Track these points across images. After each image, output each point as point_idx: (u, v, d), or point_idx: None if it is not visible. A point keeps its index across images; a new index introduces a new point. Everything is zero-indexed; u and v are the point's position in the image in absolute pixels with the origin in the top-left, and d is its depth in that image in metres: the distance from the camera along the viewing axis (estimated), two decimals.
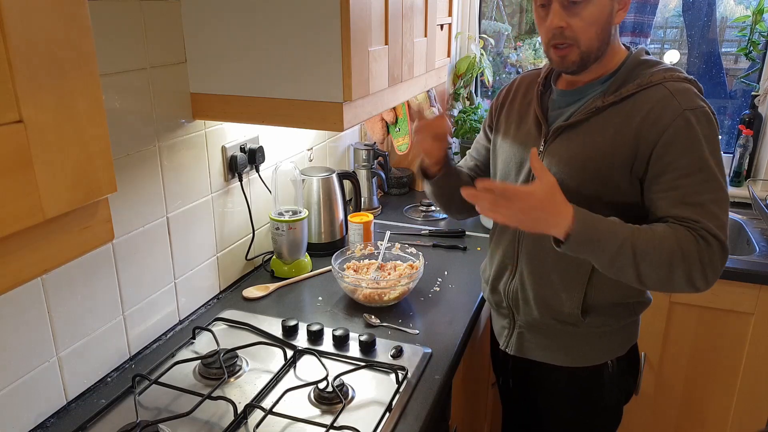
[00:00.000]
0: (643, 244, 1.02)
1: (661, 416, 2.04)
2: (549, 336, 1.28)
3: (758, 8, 2.19)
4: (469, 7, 2.50)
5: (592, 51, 1.10)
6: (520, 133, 1.26)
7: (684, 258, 1.02)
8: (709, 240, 1.03)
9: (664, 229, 1.04)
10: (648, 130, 1.07)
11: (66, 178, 0.61)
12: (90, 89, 0.62)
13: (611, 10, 1.09)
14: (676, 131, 1.05)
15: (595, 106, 1.12)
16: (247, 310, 1.47)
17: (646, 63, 1.14)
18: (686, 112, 1.05)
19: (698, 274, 1.03)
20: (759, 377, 1.88)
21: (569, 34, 1.09)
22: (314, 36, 1.18)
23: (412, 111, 1.28)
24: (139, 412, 1.11)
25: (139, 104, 1.21)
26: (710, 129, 1.06)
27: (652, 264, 1.02)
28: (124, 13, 1.14)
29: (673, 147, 1.05)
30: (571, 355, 1.27)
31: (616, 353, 1.28)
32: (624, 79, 1.13)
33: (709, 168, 1.05)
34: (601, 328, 1.24)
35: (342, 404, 1.11)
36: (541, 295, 1.24)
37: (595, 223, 1.04)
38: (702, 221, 1.03)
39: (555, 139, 1.17)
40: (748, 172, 2.31)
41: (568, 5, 1.07)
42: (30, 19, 0.55)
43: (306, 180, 1.75)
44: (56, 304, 1.09)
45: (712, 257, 1.03)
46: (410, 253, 1.63)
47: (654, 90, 1.09)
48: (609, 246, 1.03)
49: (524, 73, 1.36)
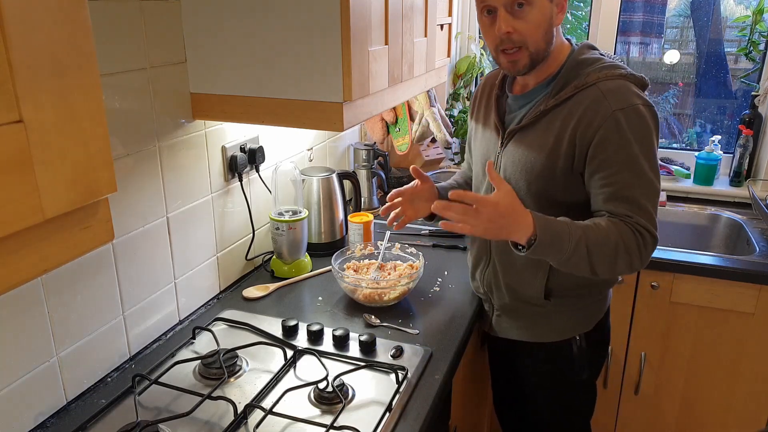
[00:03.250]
0: (594, 241, 1.13)
1: (661, 416, 2.04)
2: (520, 317, 1.41)
3: (758, 8, 2.19)
4: (469, 7, 2.50)
5: (540, 52, 1.18)
6: (484, 136, 1.38)
7: (626, 250, 1.14)
8: (644, 233, 1.15)
9: (608, 225, 1.15)
10: (583, 131, 1.16)
11: (66, 178, 0.61)
12: (90, 89, 0.62)
13: (551, 13, 1.17)
14: (606, 131, 1.14)
15: (539, 110, 1.22)
16: (247, 310, 1.47)
17: (585, 62, 1.21)
18: (616, 112, 1.14)
19: (637, 262, 1.17)
20: (759, 377, 1.88)
21: (517, 38, 1.16)
22: (314, 36, 1.18)
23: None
24: (139, 412, 1.11)
25: (139, 104, 1.21)
26: (640, 125, 1.14)
27: (601, 257, 1.14)
28: (124, 13, 1.14)
29: (605, 146, 1.14)
30: (539, 331, 1.39)
31: (582, 329, 1.38)
32: (564, 81, 1.21)
33: (638, 165, 1.14)
34: (565, 308, 1.36)
35: (342, 404, 1.11)
36: (509, 281, 1.37)
37: (553, 226, 1.13)
38: (634, 216, 1.15)
39: (509, 142, 1.28)
40: (748, 172, 2.31)
41: (513, 10, 1.14)
42: (30, 19, 0.55)
43: (306, 180, 1.75)
44: (56, 304, 1.08)
45: (647, 247, 1.16)
46: (410, 253, 1.63)
47: (588, 91, 1.17)
48: (566, 246, 1.12)
49: (488, 74, 1.45)
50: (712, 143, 2.29)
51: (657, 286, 1.88)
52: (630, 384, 2.02)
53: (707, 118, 2.50)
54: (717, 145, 2.30)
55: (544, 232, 1.12)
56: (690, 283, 1.85)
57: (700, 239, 2.24)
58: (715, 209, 2.24)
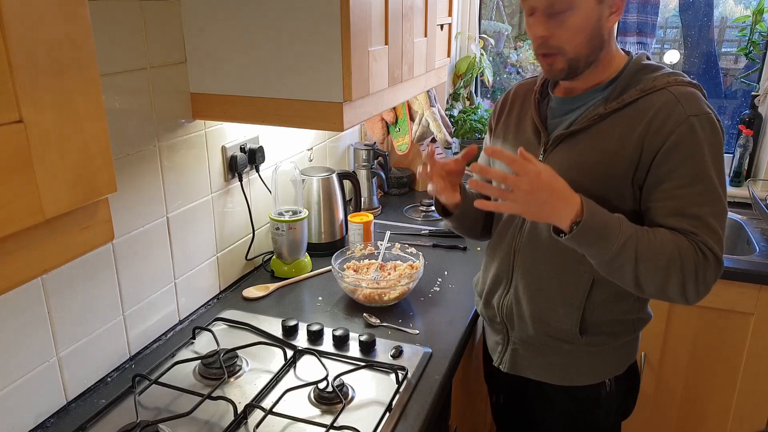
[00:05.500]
0: (646, 244, 1.00)
1: (661, 416, 2.04)
2: (544, 353, 1.23)
3: (758, 8, 2.19)
4: (469, 7, 2.50)
5: (581, 58, 1.07)
6: (517, 142, 1.22)
7: (682, 267, 1.00)
8: (707, 254, 1.00)
9: (666, 234, 1.02)
10: (652, 136, 1.03)
11: (66, 179, 0.61)
12: (90, 89, 0.62)
13: (599, 16, 1.05)
14: (679, 138, 1.01)
15: (597, 114, 1.09)
16: (247, 310, 1.47)
17: (648, 68, 1.10)
18: (691, 118, 1.02)
19: (692, 286, 1.01)
20: (759, 377, 1.88)
21: (554, 44, 1.06)
22: (314, 36, 1.18)
23: (424, 155, 1.24)
24: (139, 412, 1.10)
25: (139, 104, 1.21)
26: (714, 137, 1.03)
27: (651, 267, 1.00)
28: (124, 13, 1.14)
29: (675, 154, 1.02)
30: (567, 374, 1.23)
31: (613, 372, 1.24)
32: (626, 85, 1.09)
33: (709, 179, 1.02)
34: (599, 347, 1.20)
35: (342, 404, 1.11)
36: (537, 310, 1.20)
37: (603, 215, 1.00)
38: (700, 234, 1.01)
39: (555, 147, 1.14)
40: (748, 172, 2.31)
41: (551, 15, 1.04)
42: (30, 19, 0.55)
43: (306, 180, 1.75)
44: (56, 304, 1.09)
45: (707, 272, 1.01)
46: (410, 253, 1.63)
47: (658, 95, 1.05)
48: (613, 240, 0.99)
49: (520, 82, 1.32)
50: None
51: None
52: None
53: None
54: None
55: (592, 217, 0.98)
56: None
57: None
58: None
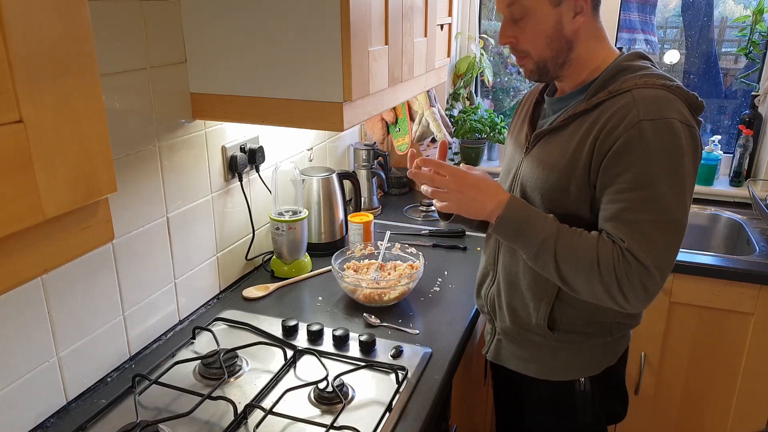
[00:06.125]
0: (566, 244, 1.04)
1: (661, 416, 2.04)
2: (521, 345, 1.28)
3: (758, 8, 2.19)
4: (469, 7, 2.50)
5: (546, 60, 1.11)
6: (516, 141, 1.29)
7: (600, 271, 1.01)
8: (629, 260, 0.99)
9: (589, 237, 1.04)
10: (603, 138, 1.03)
11: (66, 179, 0.61)
12: (90, 89, 0.62)
13: (558, 19, 1.07)
14: (626, 141, 1.00)
15: (569, 114, 1.11)
16: (247, 310, 1.47)
17: (630, 68, 1.09)
18: (643, 122, 0.99)
19: (616, 291, 1.01)
20: (759, 377, 1.88)
21: (520, 48, 1.12)
22: (314, 36, 1.18)
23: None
24: (139, 412, 1.11)
25: (139, 104, 1.21)
26: (672, 142, 0.99)
27: (571, 267, 1.03)
28: (124, 13, 1.14)
29: (622, 159, 1.01)
30: (542, 367, 1.26)
31: (587, 372, 1.24)
32: (601, 86, 1.09)
33: (653, 185, 0.99)
34: (571, 344, 1.21)
35: (342, 404, 1.11)
36: (512, 303, 1.24)
37: (527, 212, 1.08)
38: (627, 240, 1.00)
39: (535, 145, 1.19)
40: (748, 172, 2.31)
41: (514, 21, 1.10)
42: (30, 19, 0.55)
43: (306, 180, 1.75)
44: (56, 304, 1.09)
45: (630, 278, 0.99)
46: (410, 253, 1.63)
47: (620, 97, 1.04)
48: (534, 236, 1.05)
49: (535, 85, 1.35)
50: (712, 143, 2.29)
51: None
52: (630, 384, 2.01)
53: (707, 118, 2.50)
54: (717, 145, 2.30)
55: (513, 212, 1.06)
56: (690, 283, 1.85)
57: (700, 239, 2.24)
58: (715, 209, 2.24)
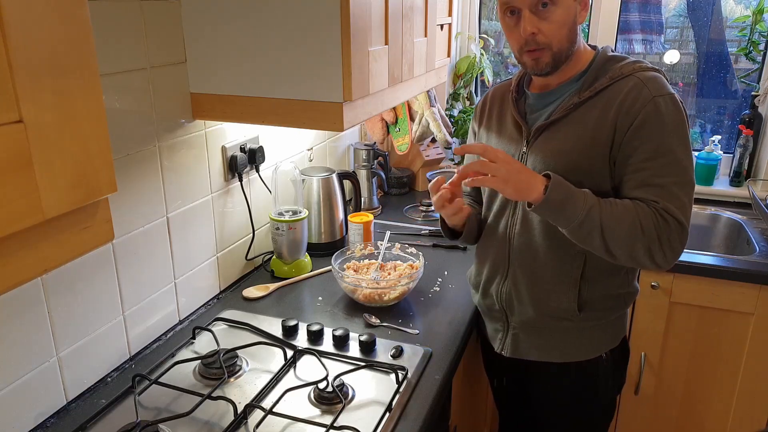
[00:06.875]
0: (609, 211, 1.10)
1: (661, 416, 2.04)
2: (543, 335, 1.31)
3: (758, 8, 2.19)
4: (469, 7, 2.50)
5: (563, 51, 1.16)
6: (502, 140, 1.31)
7: (644, 232, 1.09)
8: (667, 218, 1.10)
9: (628, 203, 1.12)
10: (623, 116, 1.13)
11: (66, 178, 0.61)
12: (90, 89, 0.62)
13: (576, 11, 1.15)
14: (645, 116, 1.11)
15: (572, 103, 1.18)
16: (247, 310, 1.47)
17: (615, 58, 1.20)
18: (656, 98, 1.12)
19: (657, 249, 1.10)
20: (759, 377, 1.88)
21: (541, 39, 1.14)
22: (314, 36, 1.18)
23: (432, 185, 1.32)
24: (139, 412, 1.11)
25: (139, 104, 1.21)
26: (677, 115, 1.12)
27: (615, 232, 1.09)
28: (124, 13, 1.14)
29: (642, 131, 1.12)
30: (567, 351, 1.31)
31: (609, 345, 1.32)
32: (596, 75, 1.19)
33: (672, 152, 1.12)
34: (595, 322, 1.28)
35: (342, 404, 1.11)
36: (536, 293, 1.28)
37: (568, 187, 1.11)
38: (661, 201, 1.10)
39: (537, 138, 1.23)
40: (748, 172, 2.31)
41: (537, 10, 1.12)
42: (30, 19, 0.55)
43: (306, 180, 1.75)
44: (56, 304, 1.09)
45: (670, 235, 1.10)
46: (410, 253, 1.63)
47: (626, 80, 1.15)
48: (579, 208, 1.09)
49: (494, 86, 1.41)
50: (712, 143, 2.29)
51: (657, 286, 1.88)
52: (630, 384, 2.01)
53: (707, 118, 2.50)
54: (717, 145, 2.30)
55: (559, 185, 1.10)
56: (690, 283, 1.85)
57: (701, 239, 2.24)
58: (715, 209, 2.24)
